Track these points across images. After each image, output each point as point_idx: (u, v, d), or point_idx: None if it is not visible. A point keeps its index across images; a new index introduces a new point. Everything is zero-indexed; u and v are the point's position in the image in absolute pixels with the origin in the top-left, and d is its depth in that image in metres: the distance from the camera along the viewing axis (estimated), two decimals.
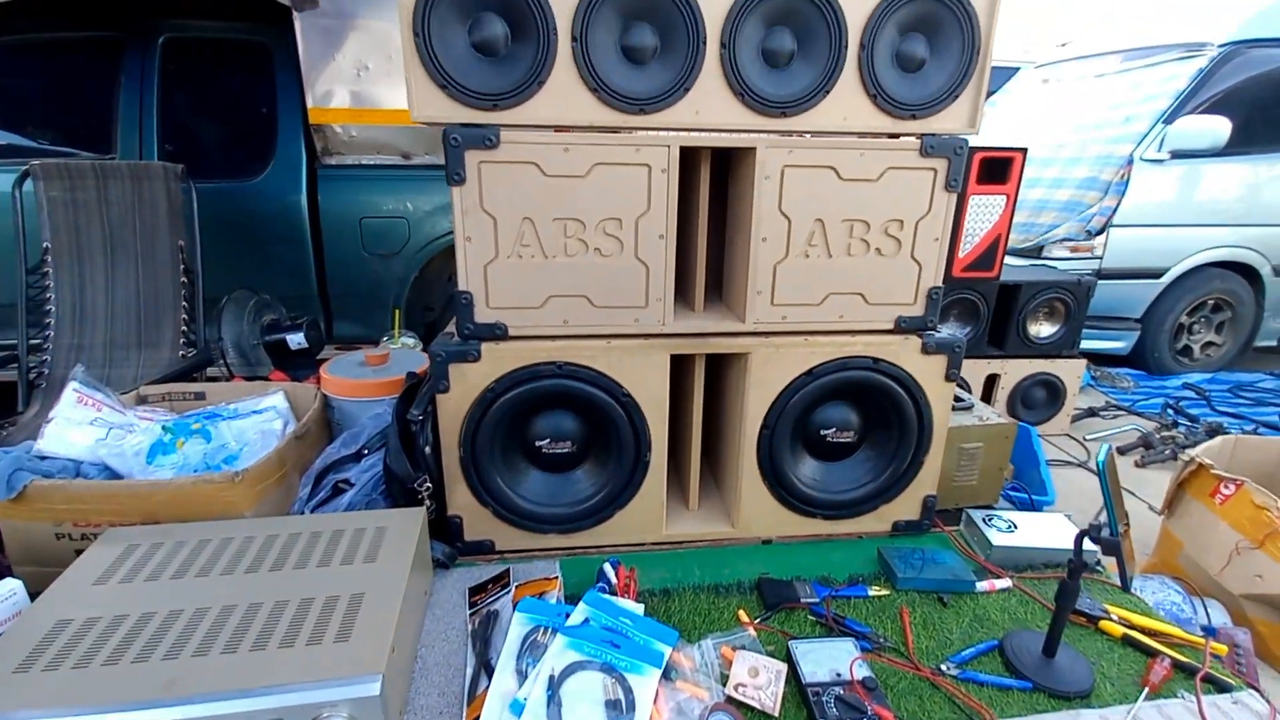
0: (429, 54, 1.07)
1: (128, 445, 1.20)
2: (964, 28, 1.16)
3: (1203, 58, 3.23)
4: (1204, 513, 1.41)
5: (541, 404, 1.23)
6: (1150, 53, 3.53)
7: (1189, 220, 3.35)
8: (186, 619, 0.87)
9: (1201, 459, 1.44)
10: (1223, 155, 3.23)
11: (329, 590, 0.92)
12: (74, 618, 0.87)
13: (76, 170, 2.32)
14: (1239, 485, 1.35)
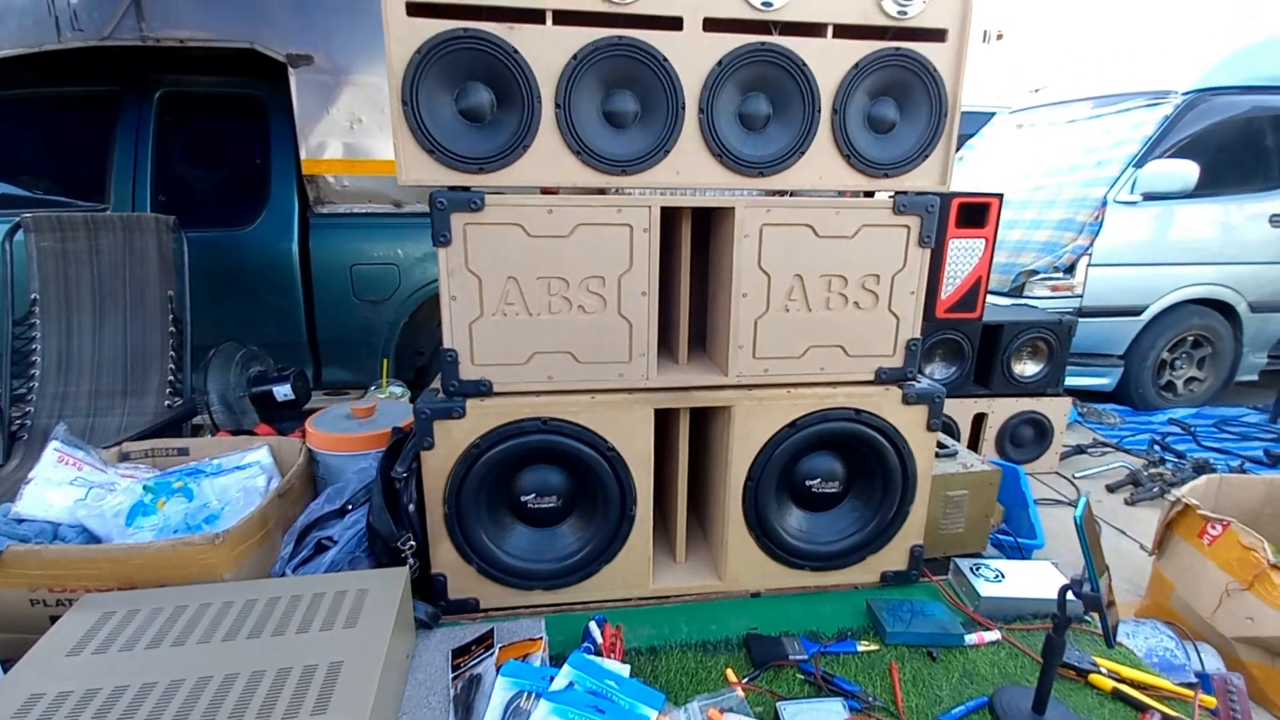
0: (417, 122, 1.10)
1: (107, 506, 1.19)
2: (931, 92, 1.21)
3: (1168, 105, 3.36)
4: (1193, 554, 1.41)
5: (527, 459, 1.23)
6: (1119, 100, 3.68)
7: (1165, 259, 3.43)
8: (161, 692, 0.85)
9: (1187, 499, 1.45)
10: (1193, 197, 3.34)
11: (308, 659, 0.91)
12: (46, 692, 0.85)
13: (69, 223, 2.34)
14: (1225, 526, 1.35)
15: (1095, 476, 2.64)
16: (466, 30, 1.08)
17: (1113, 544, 2.08)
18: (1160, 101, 3.41)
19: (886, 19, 1.18)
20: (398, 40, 1.07)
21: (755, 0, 1.14)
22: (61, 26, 2.63)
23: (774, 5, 1.15)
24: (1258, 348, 3.67)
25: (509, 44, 1.09)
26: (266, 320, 2.81)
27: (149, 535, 1.17)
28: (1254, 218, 3.48)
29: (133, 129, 2.76)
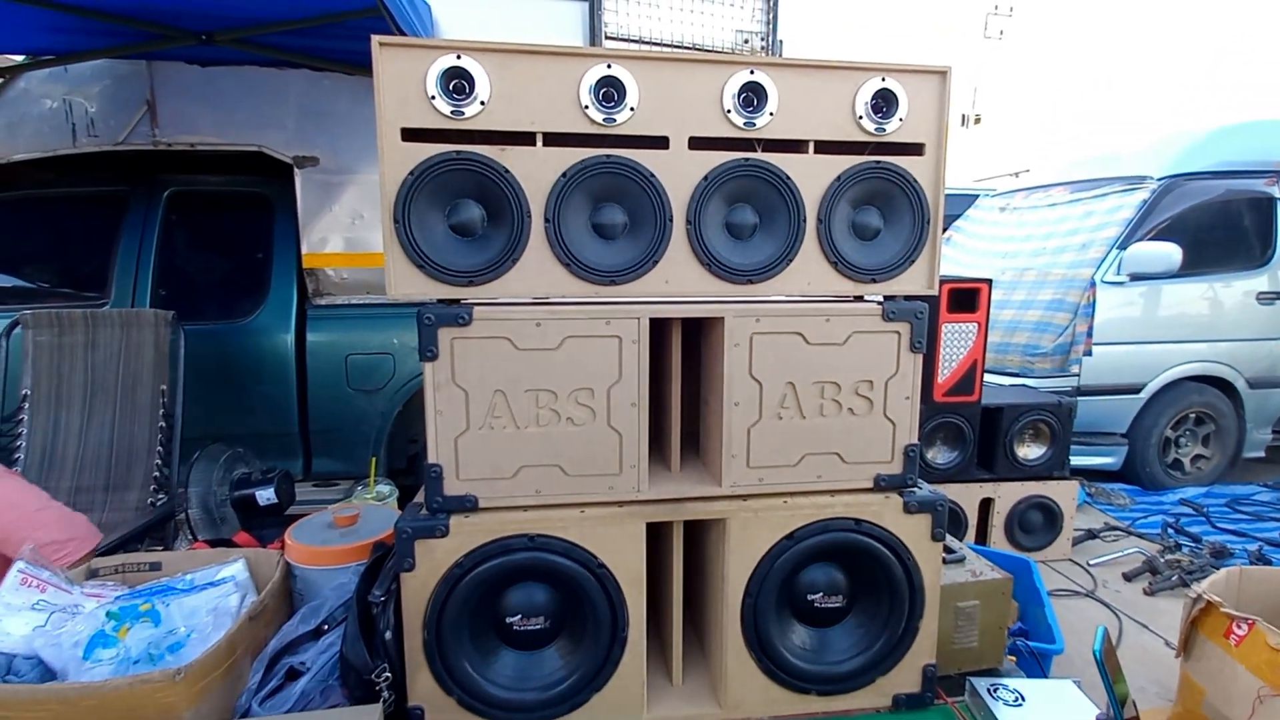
0: (408, 238, 1.12)
1: (65, 636, 1.12)
2: (912, 201, 1.24)
3: (1144, 190, 3.48)
4: (1221, 655, 1.33)
5: (512, 578, 1.17)
6: (1096, 184, 3.81)
7: (1158, 337, 3.46)
8: None
9: (1210, 597, 1.37)
10: (1180, 276, 3.40)
11: None
12: None
13: (67, 319, 2.36)
14: (1251, 625, 1.28)
15: (1110, 564, 2.55)
16: (459, 154, 1.11)
17: (1135, 640, 1.97)
18: (1137, 187, 3.53)
19: (865, 135, 1.22)
20: (392, 164, 1.10)
21: (738, 120, 1.18)
22: (78, 133, 2.75)
23: (756, 124, 1.19)
24: (1260, 423, 3.64)
25: (499, 164, 1.12)
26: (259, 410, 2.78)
27: (107, 669, 1.10)
28: (1241, 295, 3.53)
29: (139, 225, 2.83)
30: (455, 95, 1.11)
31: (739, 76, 1.17)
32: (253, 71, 2.71)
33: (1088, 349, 3.27)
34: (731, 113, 1.18)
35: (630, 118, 1.15)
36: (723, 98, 1.17)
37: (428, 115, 1.10)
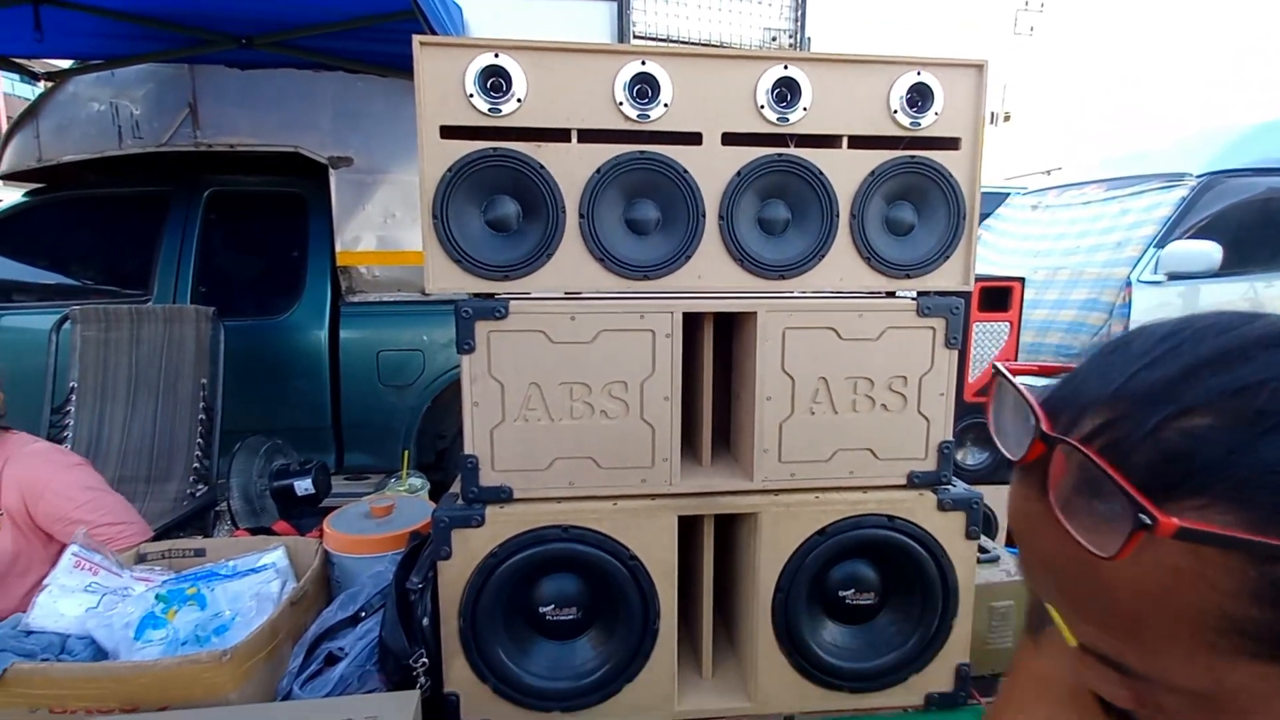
0: (446, 235, 1.14)
1: (117, 618, 1.16)
2: (948, 196, 1.23)
3: (1183, 187, 3.39)
4: None
5: (546, 568, 1.19)
6: (1133, 182, 3.72)
7: None
8: None
9: None
10: (1220, 276, 3.30)
11: None
12: None
13: (113, 314, 2.44)
14: None
15: None
16: (496, 150, 1.13)
17: None
18: (1175, 184, 3.44)
19: (900, 130, 1.21)
20: (430, 160, 1.13)
21: (771, 116, 1.19)
22: (124, 135, 2.85)
23: (789, 120, 1.19)
24: None
25: (535, 160, 1.14)
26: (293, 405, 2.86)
27: (157, 649, 1.14)
28: None
29: (180, 224, 2.93)
30: (493, 93, 1.13)
31: (772, 72, 1.17)
32: (290, 74, 2.78)
33: None
34: (765, 108, 1.18)
35: (664, 114, 1.16)
36: (756, 93, 1.17)
37: (466, 113, 1.13)
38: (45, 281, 3.07)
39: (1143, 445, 0.32)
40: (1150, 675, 0.34)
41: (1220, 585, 0.30)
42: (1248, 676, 0.32)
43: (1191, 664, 0.33)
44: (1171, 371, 0.33)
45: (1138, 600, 0.32)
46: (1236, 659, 0.31)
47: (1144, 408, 0.32)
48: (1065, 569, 0.35)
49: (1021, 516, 0.38)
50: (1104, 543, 0.31)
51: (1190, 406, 0.31)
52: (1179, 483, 0.30)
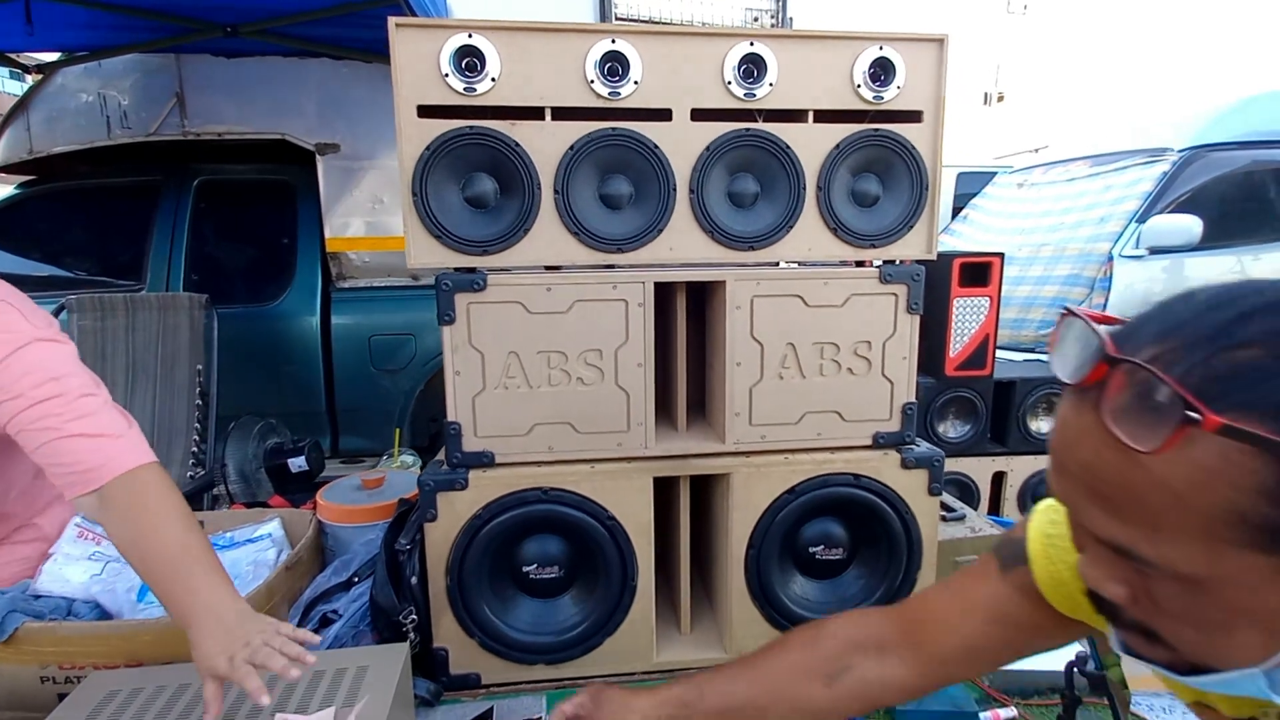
0: (425, 210, 1.18)
1: (120, 583, 1.22)
2: (911, 168, 1.27)
3: (1165, 162, 3.42)
4: None
5: (528, 529, 1.25)
6: (1116, 158, 3.75)
7: None
8: None
9: None
10: (1203, 249, 3.34)
11: None
12: None
13: (109, 303, 2.48)
14: None
15: None
16: (472, 128, 1.17)
17: None
18: (1157, 159, 3.48)
19: (864, 103, 1.26)
20: (409, 139, 1.17)
21: (739, 91, 1.23)
22: (112, 125, 2.87)
23: (756, 95, 1.23)
24: None
25: (511, 138, 1.18)
26: (288, 390, 2.90)
27: (158, 611, 1.19)
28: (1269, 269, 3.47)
29: (171, 214, 2.95)
30: (467, 72, 1.17)
31: (739, 48, 1.21)
32: (275, 62, 2.80)
33: None
34: (732, 84, 1.22)
35: (634, 91, 1.20)
36: (723, 70, 1.21)
37: (442, 92, 1.17)
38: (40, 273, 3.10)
39: (1197, 367, 0.37)
40: (1158, 562, 0.40)
41: (1240, 483, 0.36)
42: (1240, 566, 0.38)
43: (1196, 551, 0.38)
44: (1230, 315, 0.39)
45: (1164, 494, 0.38)
46: (1237, 549, 0.37)
47: (1202, 340, 0.38)
48: (1103, 473, 0.41)
49: (1069, 430, 0.43)
50: (1148, 438, 0.37)
51: (1243, 342, 0.37)
52: (1222, 395, 0.36)
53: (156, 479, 0.90)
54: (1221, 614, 0.40)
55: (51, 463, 0.88)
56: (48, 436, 0.86)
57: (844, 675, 0.70)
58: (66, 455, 0.87)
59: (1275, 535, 0.37)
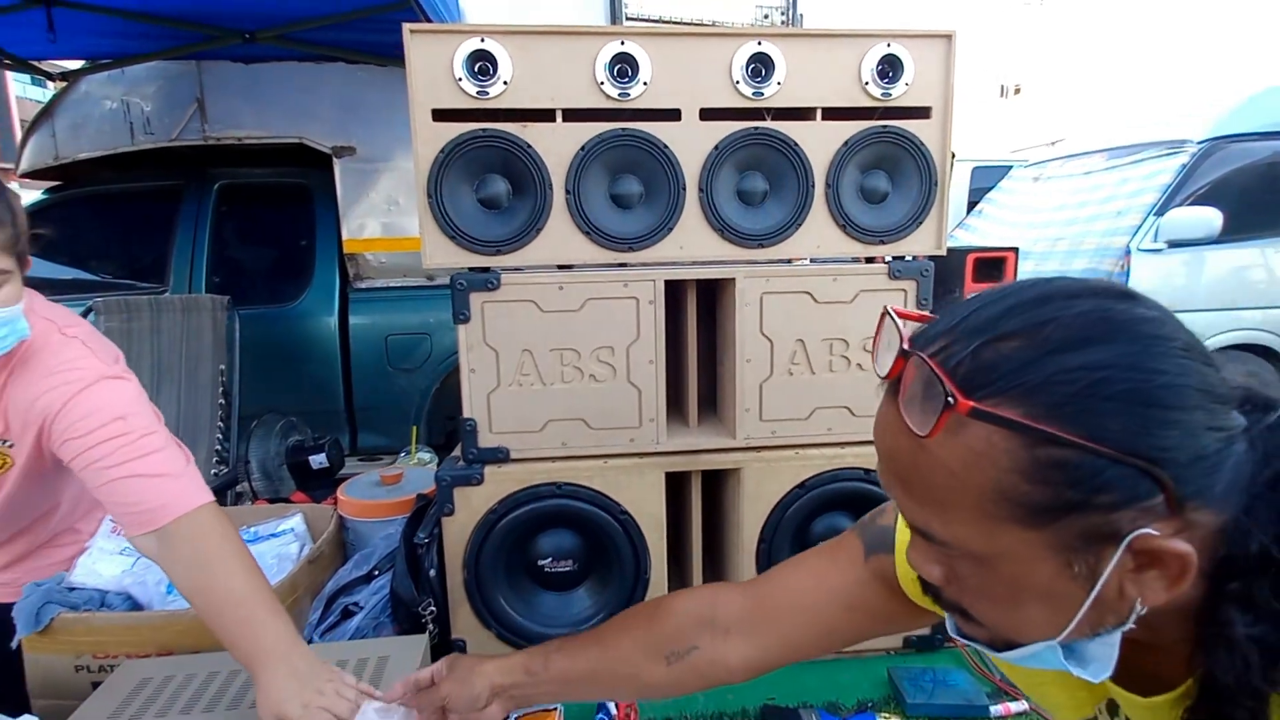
0: (440, 211, 1.21)
1: (150, 576, 1.26)
2: (920, 164, 1.28)
3: (1184, 154, 3.38)
4: None
5: (542, 524, 1.27)
6: (1133, 150, 3.71)
7: (1200, 305, 3.36)
8: None
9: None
10: (1222, 242, 3.30)
11: None
12: None
13: (134, 305, 2.55)
14: None
15: None
16: (485, 131, 1.19)
17: None
18: (1176, 151, 3.43)
19: (872, 100, 1.26)
20: (423, 142, 1.19)
21: (747, 90, 1.24)
22: (135, 131, 2.94)
23: (764, 94, 1.25)
24: None
25: (523, 140, 1.21)
26: (307, 389, 2.96)
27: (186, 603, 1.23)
28: None
29: (192, 217, 3.02)
30: (480, 76, 1.19)
31: (747, 48, 1.22)
32: (292, 67, 2.85)
33: None
34: (740, 83, 1.23)
35: (644, 92, 1.22)
36: (731, 69, 1.23)
37: (455, 96, 1.19)
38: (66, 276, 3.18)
39: (966, 358, 0.41)
40: (949, 541, 0.44)
41: (1001, 464, 0.40)
42: (1011, 541, 0.41)
43: (975, 529, 0.42)
44: (997, 311, 0.43)
45: (945, 477, 0.42)
46: (1007, 526, 0.41)
47: (972, 334, 0.42)
48: (901, 457, 0.45)
49: (880, 420, 0.48)
50: (926, 424, 0.41)
51: (1005, 334, 0.41)
52: (984, 385, 0.40)
53: (216, 520, 0.91)
54: (1008, 589, 0.43)
55: (113, 501, 0.91)
56: (110, 475, 0.89)
57: (688, 655, 0.72)
58: (129, 495, 0.89)
59: (1034, 511, 0.39)
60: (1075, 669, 0.44)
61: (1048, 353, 0.39)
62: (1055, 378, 0.39)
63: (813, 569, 0.72)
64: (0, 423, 0.93)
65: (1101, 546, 0.39)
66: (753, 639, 0.71)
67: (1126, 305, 0.42)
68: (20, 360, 0.91)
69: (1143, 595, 0.40)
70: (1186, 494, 0.38)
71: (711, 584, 0.85)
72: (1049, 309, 0.41)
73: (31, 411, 0.90)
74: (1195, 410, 0.39)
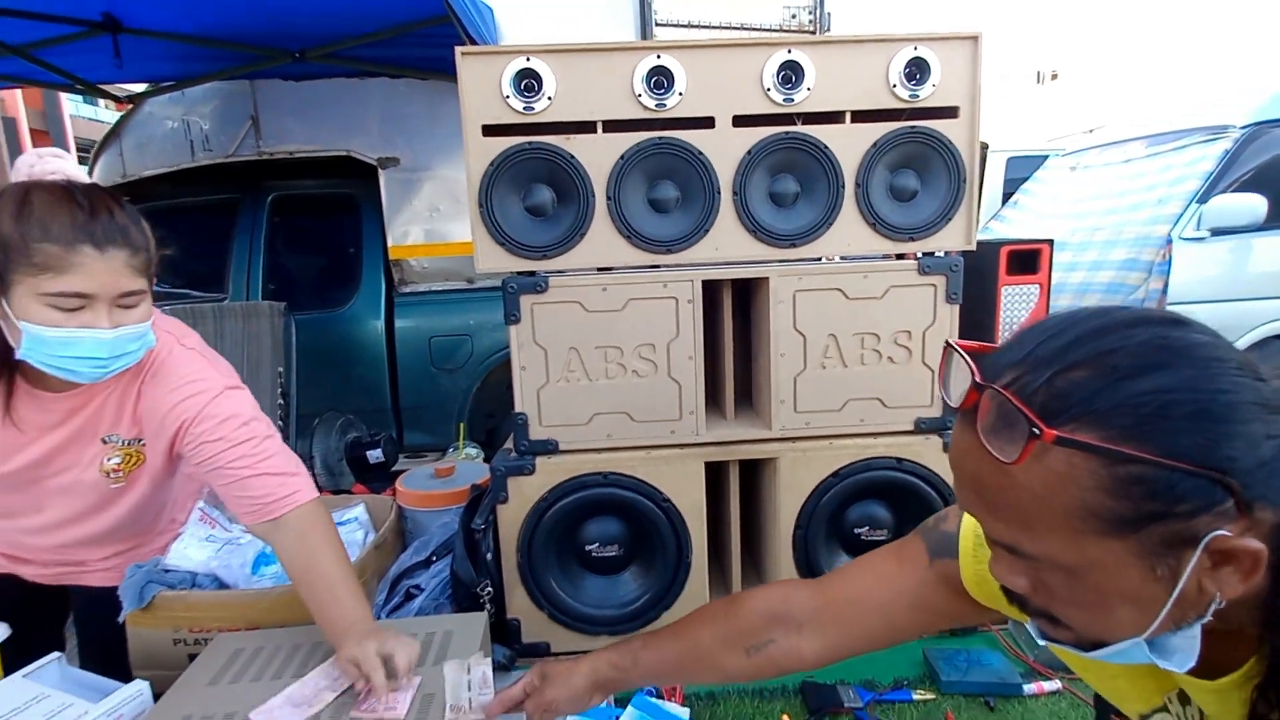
0: (490, 220, 1.30)
1: (234, 559, 1.38)
2: (948, 162, 1.32)
3: (1227, 139, 3.29)
4: None
5: (590, 511, 1.35)
6: (1174, 137, 3.62)
7: (1246, 294, 3.28)
8: None
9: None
10: (1266, 229, 3.21)
11: None
12: (193, 714, 1.01)
13: (199, 313, 2.71)
14: None
15: None
16: (531, 144, 1.28)
17: None
18: (1218, 136, 3.35)
19: (900, 102, 1.31)
20: (475, 156, 1.29)
21: (777, 97, 1.30)
22: (195, 148, 3.12)
23: (795, 100, 1.30)
24: None
25: (566, 151, 1.29)
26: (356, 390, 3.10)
27: (269, 582, 1.35)
28: None
29: (249, 229, 3.19)
30: (526, 93, 1.28)
31: (777, 56, 1.28)
32: (339, 83, 2.99)
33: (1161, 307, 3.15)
34: (771, 90, 1.29)
35: (679, 102, 1.29)
36: (762, 77, 1.29)
37: (504, 112, 1.28)
38: None
39: (1040, 389, 0.45)
40: (1038, 555, 0.47)
41: (1084, 483, 0.43)
42: (1099, 552, 0.45)
43: (1063, 543, 0.45)
44: (1064, 341, 0.46)
45: (1030, 498, 0.45)
46: (1094, 538, 0.44)
47: (1043, 365, 0.45)
48: (985, 481, 0.48)
49: (959, 448, 0.50)
50: (1010, 452, 0.44)
51: (1073, 364, 0.45)
52: (1061, 412, 0.44)
53: (323, 514, 1.05)
54: (1097, 595, 0.47)
55: (239, 495, 1.02)
56: (240, 475, 1.01)
57: (765, 648, 0.78)
58: (255, 490, 1.01)
59: (1119, 523, 0.43)
60: (1161, 662, 0.47)
61: (1117, 380, 0.43)
62: (1127, 402, 0.42)
63: (879, 571, 0.77)
64: (135, 425, 1.04)
65: (1181, 549, 0.43)
66: (824, 634, 0.77)
67: (1181, 332, 0.45)
68: (150, 371, 1.03)
69: (1221, 590, 0.44)
70: (1253, 497, 0.42)
71: (782, 581, 0.90)
72: (1112, 339, 0.45)
73: (167, 419, 1.02)
74: (1254, 422, 0.42)
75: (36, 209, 0.83)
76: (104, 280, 0.86)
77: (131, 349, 0.93)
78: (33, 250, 0.81)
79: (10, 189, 0.85)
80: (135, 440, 1.06)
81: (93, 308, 0.86)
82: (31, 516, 1.10)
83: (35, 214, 0.82)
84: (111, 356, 0.90)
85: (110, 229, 0.87)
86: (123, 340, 0.90)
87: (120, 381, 1.02)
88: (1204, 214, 3.20)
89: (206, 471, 1.03)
